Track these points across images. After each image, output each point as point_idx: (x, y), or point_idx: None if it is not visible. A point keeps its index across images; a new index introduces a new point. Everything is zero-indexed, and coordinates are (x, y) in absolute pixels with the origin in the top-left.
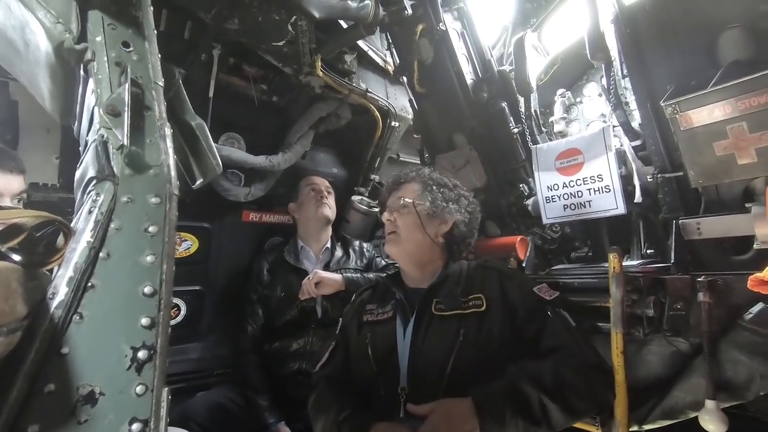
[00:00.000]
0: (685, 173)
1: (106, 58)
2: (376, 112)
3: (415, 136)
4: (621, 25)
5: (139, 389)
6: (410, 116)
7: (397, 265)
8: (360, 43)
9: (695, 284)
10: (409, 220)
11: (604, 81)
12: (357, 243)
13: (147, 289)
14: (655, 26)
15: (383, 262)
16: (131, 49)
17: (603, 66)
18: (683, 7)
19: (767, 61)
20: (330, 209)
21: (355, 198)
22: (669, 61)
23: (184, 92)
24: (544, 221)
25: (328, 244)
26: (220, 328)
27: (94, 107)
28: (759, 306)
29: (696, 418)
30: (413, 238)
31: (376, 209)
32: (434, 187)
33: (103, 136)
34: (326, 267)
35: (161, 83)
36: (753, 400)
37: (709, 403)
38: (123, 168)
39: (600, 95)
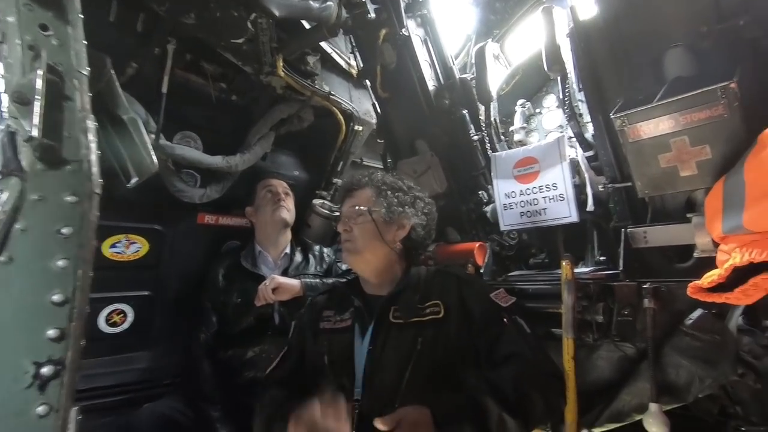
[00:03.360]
0: (634, 183)
1: (19, 41)
2: (340, 116)
3: (379, 141)
4: (576, 40)
5: (41, 410)
6: (374, 120)
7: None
8: (324, 45)
9: (641, 291)
10: (365, 229)
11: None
12: (317, 248)
13: (56, 297)
14: (607, 42)
15: (343, 267)
16: (50, 32)
17: (559, 78)
18: (632, 26)
19: (707, 78)
20: (288, 212)
21: (317, 201)
22: (619, 76)
23: (117, 84)
24: (502, 228)
25: (287, 249)
26: (171, 335)
27: (1, 94)
28: (698, 312)
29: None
30: (371, 246)
31: (338, 213)
32: (388, 192)
33: (9, 127)
34: (285, 272)
35: (86, 72)
36: (694, 401)
37: (653, 406)
38: (33, 163)
39: (558, 107)
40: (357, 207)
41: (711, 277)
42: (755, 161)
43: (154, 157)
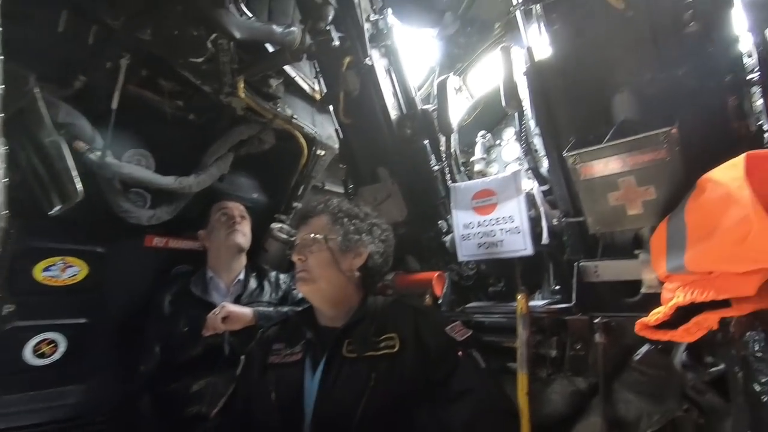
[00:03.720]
0: (585, 219)
1: None
2: (302, 139)
3: (341, 166)
4: (532, 79)
5: None
6: (336, 146)
7: None
8: (288, 68)
9: (593, 325)
10: (320, 258)
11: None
12: (273, 274)
13: None
14: (561, 82)
15: (300, 295)
16: None
17: (516, 114)
18: (583, 69)
19: (652, 123)
20: (243, 236)
21: (275, 226)
22: (572, 115)
23: (43, 105)
24: (460, 258)
25: (241, 276)
26: (108, 367)
27: None
28: (646, 347)
29: None
30: (326, 276)
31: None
32: (345, 219)
33: None
34: (237, 300)
35: None
36: None
37: None
38: None
39: (517, 140)
40: (312, 235)
41: (656, 315)
42: (694, 204)
43: (79, 184)
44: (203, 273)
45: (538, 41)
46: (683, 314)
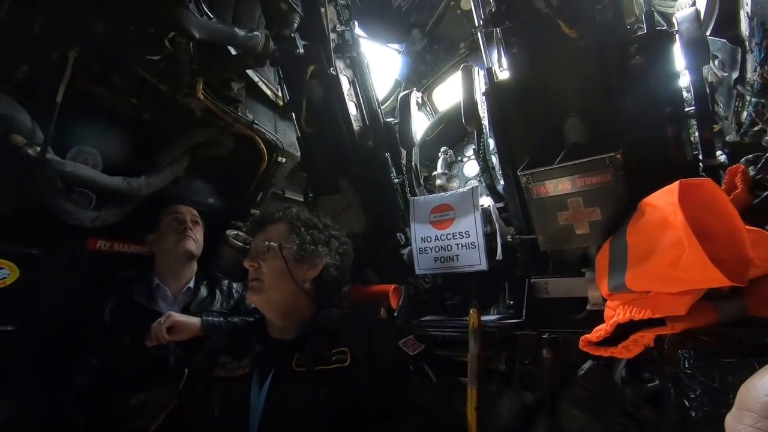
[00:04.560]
0: (537, 237)
1: None
2: (262, 145)
3: (303, 174)
4: (491, 99)
5: None
6: (298, 153)
7: None
8: (251, 73)
9: (541, 341)
10: (274, 266)
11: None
12: (226, 282)
13: None
14: (518, 103)
15: (253, 305)
16: None
17: (475, 132)
18: (539, 92)
19: (598, 147)
20: (195, 243)
21: (231, 233)
22: (527, 135)
23: None
24: (417, 272)
25: (191, 284)
26: (37, 381)
27: None
28: (589, 363)
29: None
30: (278, 285)
31: None
32: (302, 229)
33: None
34: (186, 309)
35: None
36: None
37: None
38: None
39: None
40: (267, 242)
41: (598, 332)
42: (635, 226)
43: None
44: (149, 280)
45: (498, 64)
46: (623, 331)
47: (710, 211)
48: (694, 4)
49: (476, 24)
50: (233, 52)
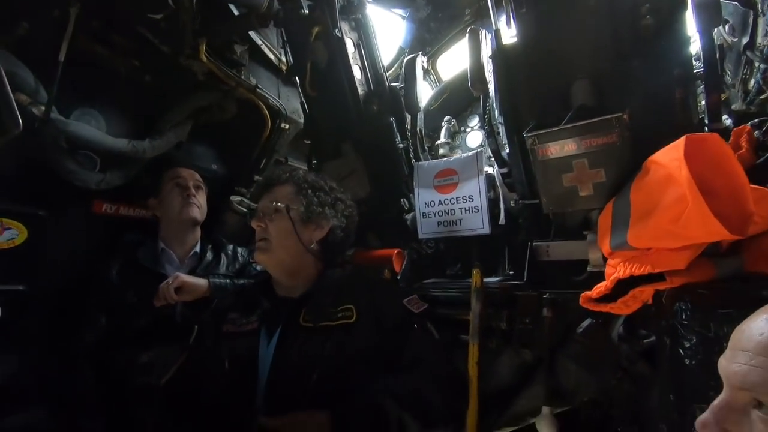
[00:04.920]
0: (540, 200)
1: None
2: (266, 111)
3: (306, 141)
4: (497, 62)
5: None
6: (302, 120)
7: None
8: (254, 36)
9: (541, 300)
10: (281, 226)
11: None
12: (231, 247)
13: None
14: (525, 67)
15: (258, 268)
16: None
17: (481, 97)
18: (544, 56)
19: (605, 108)
20: (198, 209)
21: (235, 198)
22: (533, 99)
23: None
24: (420, 236)
25: (197, 248)
26: (47, 337)
27: None
28: (587, 321)
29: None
30: (285, 245)
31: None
32: (309, 191)
33: None
34: (192, 272)
35: None
36: (582, 405)
37: (545, 409)
38: None
39: (480, 127)
40: (274, 203)
41: (599, 288)
42: (639, 184)
43: (18, 116)
44: (154, 244)
45: (506, 27)
46: (622, 288)
47: (715, 166)
48: None
49: None
50: (236, 12)
